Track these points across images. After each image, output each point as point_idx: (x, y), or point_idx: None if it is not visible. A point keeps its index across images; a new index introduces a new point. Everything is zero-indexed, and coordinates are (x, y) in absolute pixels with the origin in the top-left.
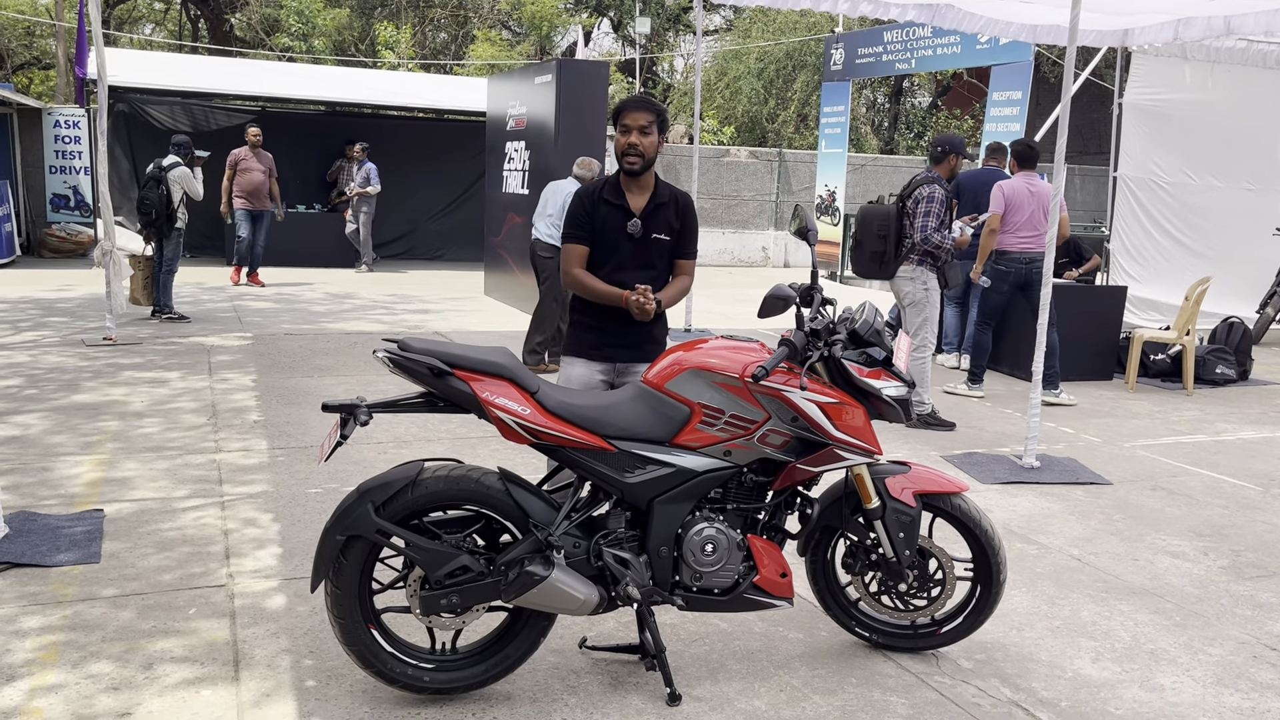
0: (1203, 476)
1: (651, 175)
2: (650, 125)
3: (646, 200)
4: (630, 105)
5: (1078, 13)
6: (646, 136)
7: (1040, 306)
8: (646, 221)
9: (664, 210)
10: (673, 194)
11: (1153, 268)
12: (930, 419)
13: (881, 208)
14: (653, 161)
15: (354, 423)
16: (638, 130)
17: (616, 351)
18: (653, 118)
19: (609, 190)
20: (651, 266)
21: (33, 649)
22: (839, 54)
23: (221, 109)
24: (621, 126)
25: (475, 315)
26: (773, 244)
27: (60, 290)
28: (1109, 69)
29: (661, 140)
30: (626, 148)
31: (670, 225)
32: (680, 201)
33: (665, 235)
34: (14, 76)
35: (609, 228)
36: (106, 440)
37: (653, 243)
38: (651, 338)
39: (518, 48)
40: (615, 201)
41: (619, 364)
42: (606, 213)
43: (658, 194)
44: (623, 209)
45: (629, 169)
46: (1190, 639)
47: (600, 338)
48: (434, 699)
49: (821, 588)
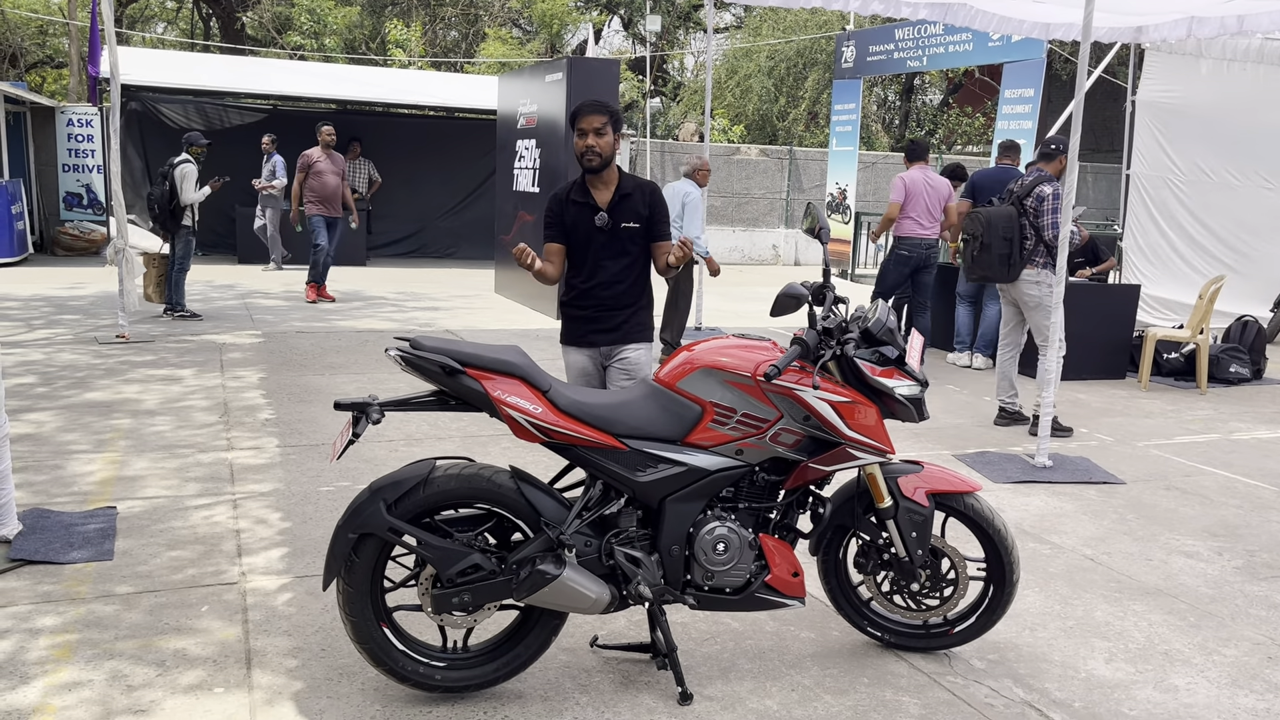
0: (1217, 476)
1: (614, 171)
2: (605, 126)
3: (611, 194)
4: (585, 110)
5: (1091, 10)
6: (602, 137)
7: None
8: (614, 213)
9: (630, 201)
10: (637, 184)
11: (1166, 266)
12: (1054, 424)
13: (1005, 209)
14: (611, 158)
15: (366, 421)
16: (593, 132)
17: (598, 336)
18: (606, 119)
19: (575, 191)
20: (625, 254)
21: (47, 647)
22: (850, 51)
23: (234, 107)
24: (578, 130)
25: (486, 313)
26: (783, 242)
27: (73, 288)
28: (1122, 66)
29: (617, 138)
30: (585, 149)
31: (638, 213)
32: (646, 190)
33: (635, 223)
34: (27, 75)
35: (579, 225)
36: (119, 438)
37: (623, 232)
38: (632, 321)
39: (528, 46)
40: (581, 200)
41: (603, 348)
42: (575, 212)
43: (622, 186)
44: (589, 205)
45: (588, 167)
46: (1205, 640)
47: (584, 325)
48: (445, 697)
49: (833, 587)
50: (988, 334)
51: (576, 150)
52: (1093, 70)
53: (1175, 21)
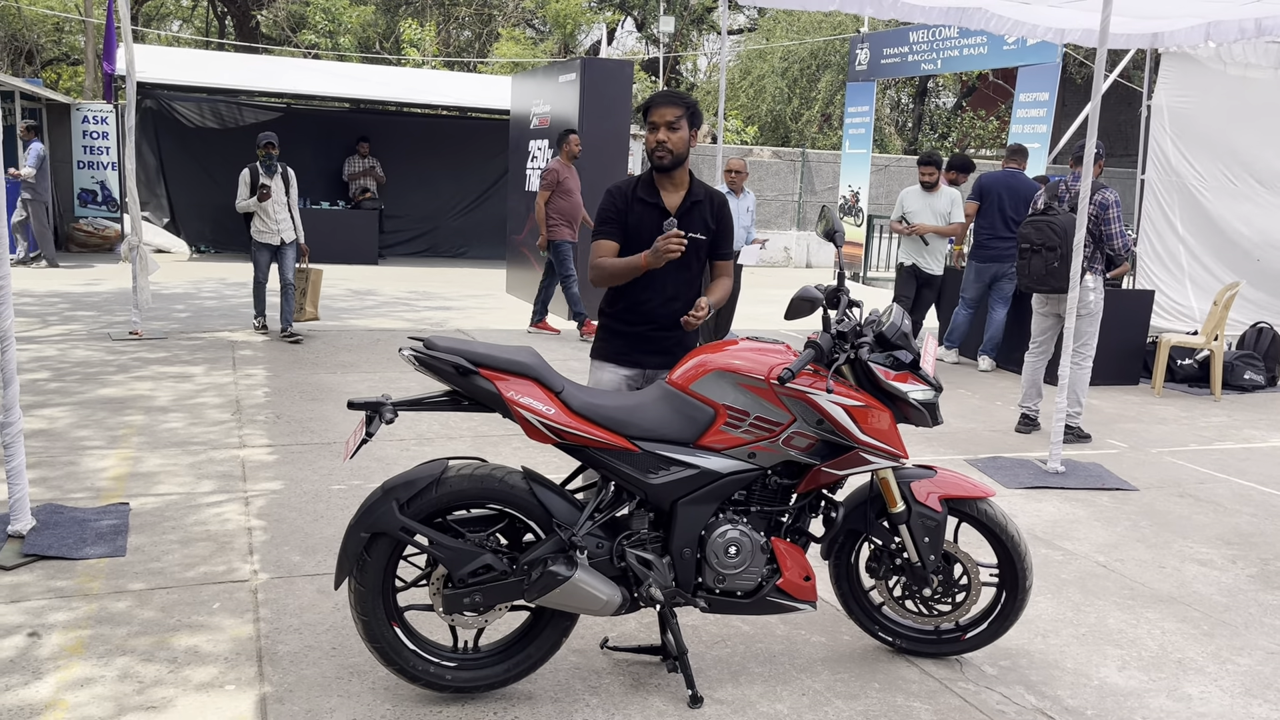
0: (1231, 483)
1: (685, 172)
2: (678, 120)
3: (682, 198)
4: (658, 101)
5: (1108, 15)
6: (675, 132)
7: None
8: (683, 220)
9: (699, 209)
10: (708, 193)
11: (1181, 271)
12: (1078, 432)
13: (1071, 217)
14: (684, 158)
15: (379, 420)
16: (665, 126)
17: (646, 358)
18: (681, 112)
19: (643, 188)
20: (688, 267)
21: (60, 643)
22: (864, 54)
23: (248, 105)
24: (649, 124)
25: (498, 313)
26: (795, 244)
27: (88, 284)
28: (1137, 70)
29: (693, 135)
30: (656, 145)
31: (706, 224)
32: (716, 200)
33: (701, 234)
34: (43, 72)
35: (644, 226)
36: (132, 434)
37: (690, 242)
38: (682, 343)
39: (541, 46)
40: (650, 200)
41: (648, 370)
42: (641, 211)
43: (693, 192)
44: (658, 207)
45: (658, 165)
46: (1218, 648)
47: (629, 343)
48: (455, 697)
49: (845, 591)
50: (995, 337)
51: (647, 146)
52: (1108, 74)
53: (1192, 27)
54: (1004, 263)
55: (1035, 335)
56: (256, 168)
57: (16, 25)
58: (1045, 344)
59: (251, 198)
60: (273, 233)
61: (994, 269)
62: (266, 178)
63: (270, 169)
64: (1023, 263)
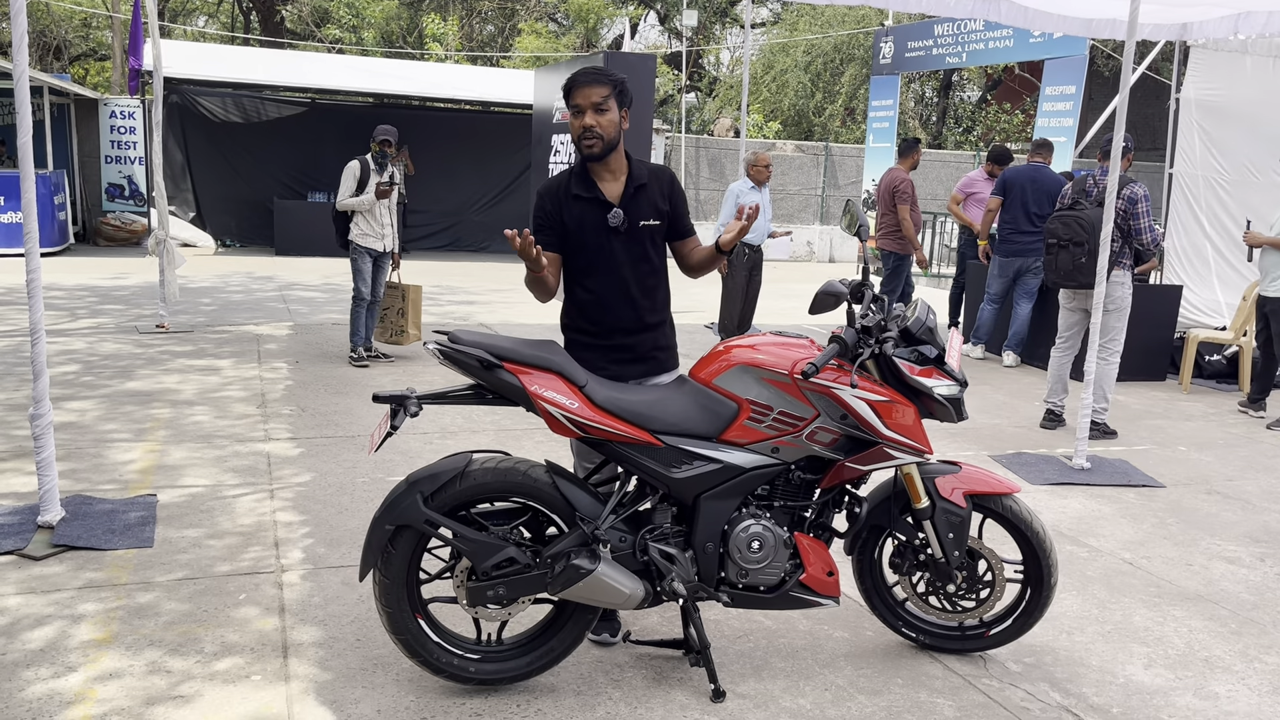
0: (1259, 480)
1: (621, 156)
2: (606, 100)
3: (623, 186)
4: (580, 80)
5: (1137, 7)
6: (603, 114)
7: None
8: (629, 209)
9: (645, 192)
10: (653, 171)
11: (1209, 267)
12: (1104, 428)
13: (1097, 211)
14: (616, 142)
15: (404, 414)
16: (592, 109)
17: (622, 369)
18: (608, 91)
19: (577, 183)
20: (647, 259)
21: (89, 633)
22: (888, 47)
23: (272, 100)
24: (573, 107)
25: (521, 307)
26: (818, 239)
27: (116, 278)
28: (1166, 63)
29: (624, 116)
30: (583, 131)
31: (658, 208)
32: (664, 178)
33: (655, 220)
34: (71, 67)
35: (586, 226)
36: (158, 427)
37: (642, 232)
38: (661, 345)
39: (563, 40)
40: (587, 194)
41: (629, 382)
42: (580, 209)
43: (634, 175)
44: (597, 201)
45: (588, 154)
46: (1246, 647)
47: (603, 356)
48: (479, 689)
49: (868, 587)
50: (1020, 332)
51: (573, 133)
52: (1136, 67)
53: (1222, 18)
54: (1027, 257)
55: (1062, 330)
56: (367, 161)
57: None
58: (1072, 339)
59: (360, 195)
60: (379, 237)
61: (1018, 263)
62: (379, 174)
63: (383, 166)
64: (1050, 258)
